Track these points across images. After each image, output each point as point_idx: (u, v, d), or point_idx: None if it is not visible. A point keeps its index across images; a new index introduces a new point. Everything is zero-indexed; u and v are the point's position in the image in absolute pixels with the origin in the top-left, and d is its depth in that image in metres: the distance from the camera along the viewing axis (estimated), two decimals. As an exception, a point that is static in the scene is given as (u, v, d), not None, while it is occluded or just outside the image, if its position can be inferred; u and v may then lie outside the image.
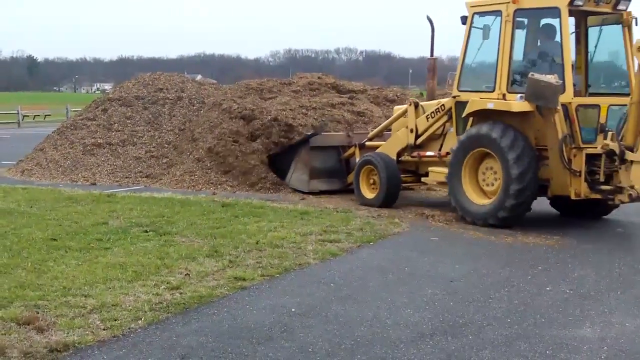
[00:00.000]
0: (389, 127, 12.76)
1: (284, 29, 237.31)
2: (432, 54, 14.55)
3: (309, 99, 15.46)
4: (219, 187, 13.45)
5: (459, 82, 10.95)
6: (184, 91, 17.46)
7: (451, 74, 11.19)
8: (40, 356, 4.99)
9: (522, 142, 9.78)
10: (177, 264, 7.44)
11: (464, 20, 10.92)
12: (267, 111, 14.35)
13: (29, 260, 7.49)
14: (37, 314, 5.73)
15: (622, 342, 5.55)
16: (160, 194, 12.56)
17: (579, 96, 10.11)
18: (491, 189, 10.21)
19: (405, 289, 6.90)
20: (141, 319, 5.75)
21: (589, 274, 7.65)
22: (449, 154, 10.83)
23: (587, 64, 10.78)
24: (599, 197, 9.86)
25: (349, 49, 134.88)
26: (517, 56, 10.46)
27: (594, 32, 10.69)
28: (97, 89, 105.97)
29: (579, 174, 9.71)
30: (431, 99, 13.23)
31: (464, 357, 5.17)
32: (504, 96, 10.17)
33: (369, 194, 11.95)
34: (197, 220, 9.88)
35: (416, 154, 11.87)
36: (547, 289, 7.01)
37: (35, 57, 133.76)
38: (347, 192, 12.71)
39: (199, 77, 30.46)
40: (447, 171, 10.71)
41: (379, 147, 12.48)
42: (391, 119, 12.71)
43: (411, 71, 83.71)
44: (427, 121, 11.66)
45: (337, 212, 10.99)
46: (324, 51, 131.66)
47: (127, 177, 14.86)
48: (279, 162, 13.72)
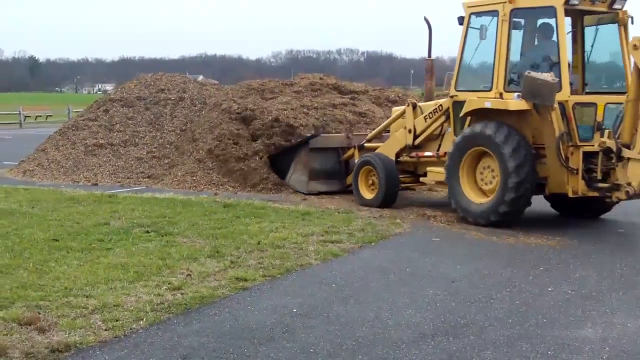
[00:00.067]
0: (387, 128, 12.77)
1: (285, 29, 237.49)
2: (429, 55, 14.55)
3: (310, 99, 15.44)
4: (221, 187, 13.47)
5: (456, 82, 10.98)
6: (185, 92, 17.46)
7: (448, 74, 11.22)
8: (41, 357, 4.99)
9: (517, 136, 9.83)
10: (178, 264, 7.44)
11: (461, 20, 10.97)
12: (268, 111, 14.35)
13: (30, 260, 7.50)
14: (39, 314, 5.73)
15: (624, 343, 5.54)
16: (161, 194, 12.57)
17: (575, 94, 10.14)
18: (490, 187, 10.23)
19: (406, 289, 6.90)
20: (143, 320, 5.75)
21: (590, 274, 7.65)
22: (447, 154, 10.85)
23: (583, 63, 10.84)
24: (596, 194, 9.89)
25: (351, 49, 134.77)
26: (514, 56, 10.49)
27: (590, 31, 10.77)
28: (99, 90, 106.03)
29: (576, 172, 9.74)
30: (429, 99, 13.25)
31: (466, 358, 5.17)
32: (501, 95, 10.20)
33: (368, 194, 11.96)
34: (198, 220, 9.89)
35: (414, 154, 11.89)
36: (549, 289, 7.00)
37: (37, 58, 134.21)
38: (348, 193, 12.71)
39: (201, 78, 30.45)
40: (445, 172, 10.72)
41: (378, 148, 12.49)
42: (390, 120, 12.72)
43: (413, 72, 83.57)
44: (425, 122, 11.68)
45: (339, 212, 10.99)
46: (326, 52, 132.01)
47: (128, 178, 14.88)
48: (279, 163, 13.72)
